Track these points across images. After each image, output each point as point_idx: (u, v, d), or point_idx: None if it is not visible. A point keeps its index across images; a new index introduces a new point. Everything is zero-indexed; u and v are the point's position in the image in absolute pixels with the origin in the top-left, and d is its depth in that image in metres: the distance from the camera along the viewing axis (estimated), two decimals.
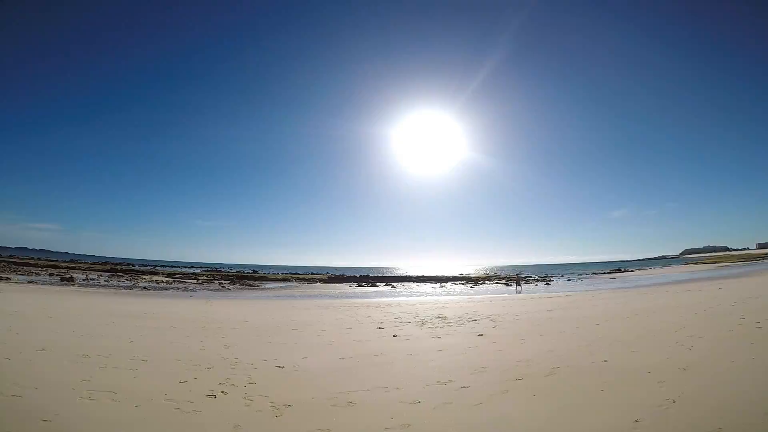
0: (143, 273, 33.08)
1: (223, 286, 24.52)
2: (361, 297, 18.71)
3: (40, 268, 31.20)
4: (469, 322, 8.13)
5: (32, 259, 44.38)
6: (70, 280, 22.22)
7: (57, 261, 45.14)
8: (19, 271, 27.26)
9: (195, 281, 27.79)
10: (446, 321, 8.36)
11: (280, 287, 26.26)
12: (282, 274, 42.30)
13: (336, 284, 29.86)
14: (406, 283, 31.21)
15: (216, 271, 45.45)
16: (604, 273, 41.27)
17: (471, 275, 39.95)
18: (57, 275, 25.20)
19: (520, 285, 23.65)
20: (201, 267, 59.14)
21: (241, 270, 48.38)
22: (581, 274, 39.96)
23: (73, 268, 33.66)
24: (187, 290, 20.82)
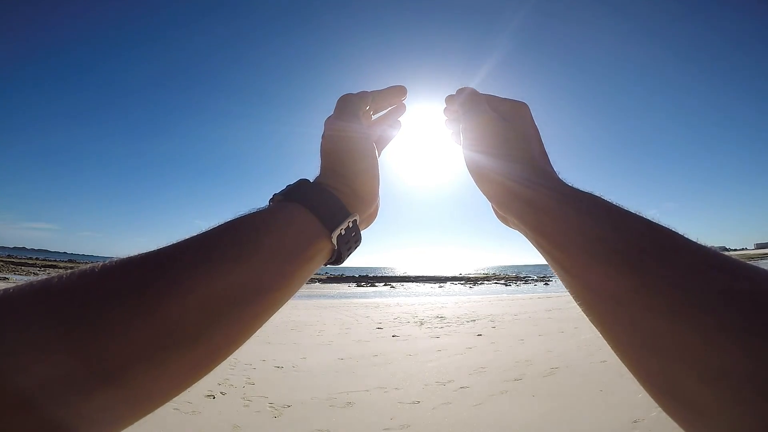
0: None
1: None
2: (360, 297, 18.71)
3: (38, 268, 31.13)
4: (468, 322, 8.15)
5: (30, 258, 44.36)
6: None
7: (55, 261, 45.11)
8: (17, 271, 27.18)
9: None
10: (445, 321, 8.37)
11: None
12: None
13: (335, 284, 29.85)
14: (405, 283, 31.23)
15: None
16: None
17: (470, 275, 39.98)
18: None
19: None
20: None
21: None
22: None
23: (72, 268, 33.56)
24: None
